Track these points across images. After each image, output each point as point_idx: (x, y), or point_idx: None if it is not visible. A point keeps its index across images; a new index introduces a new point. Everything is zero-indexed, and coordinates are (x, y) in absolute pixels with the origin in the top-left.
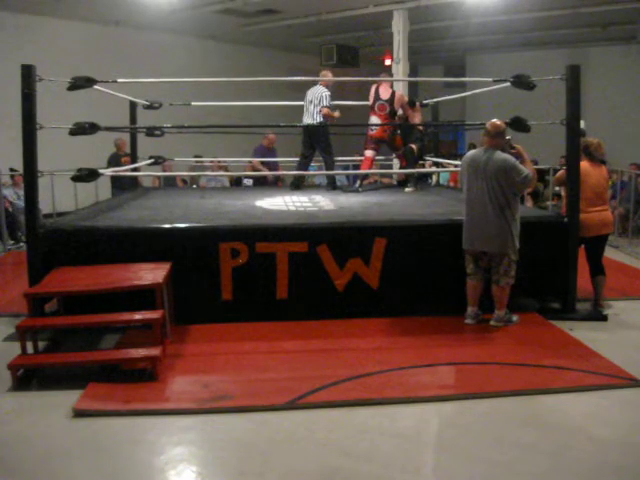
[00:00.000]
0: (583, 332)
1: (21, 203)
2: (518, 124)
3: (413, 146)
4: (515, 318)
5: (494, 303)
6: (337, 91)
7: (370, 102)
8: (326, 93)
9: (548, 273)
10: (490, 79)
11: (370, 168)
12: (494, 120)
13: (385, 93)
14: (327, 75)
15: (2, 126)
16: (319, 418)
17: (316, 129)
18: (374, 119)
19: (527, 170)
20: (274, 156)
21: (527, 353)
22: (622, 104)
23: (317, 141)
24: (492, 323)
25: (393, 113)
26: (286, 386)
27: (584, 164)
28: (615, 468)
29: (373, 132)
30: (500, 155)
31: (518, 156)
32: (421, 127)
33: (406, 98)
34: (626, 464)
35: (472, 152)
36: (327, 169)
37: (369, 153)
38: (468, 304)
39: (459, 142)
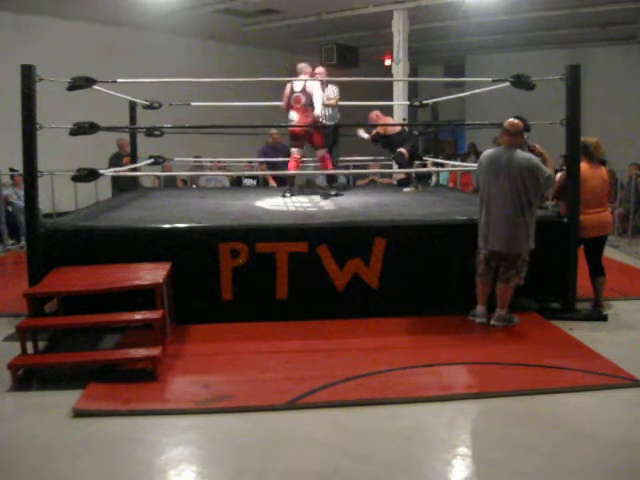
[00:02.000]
0: (583, 332)
1: (21, 203)
2: None
3: (402, 150)
4: (516, 319)
5: (497, 302)
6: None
7: (286, 100)
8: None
9: (548, 273)
10: (490, 79)
11: (297, 167)
12: (512, 119)
13: (299, 85)
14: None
15: (2, 126)
16: (319, 418)
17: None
18: (292, 114)
19: (549, 170)
20: (283, 151)
21: (527, 353)
22: (622, 104)
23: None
24: (493, 322)
25: (309, 103)
26: (286, 386)
27: (582, 166)
28: (615, 468)
29: (292, 128)
30: (523, 154)
31: (538, 155)
32: (405, 127)
33: (316, 83)
34: (626, 464)
35: (490, 151)
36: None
37: (294, 151)
38: (478, 303)
39: (459, 142)
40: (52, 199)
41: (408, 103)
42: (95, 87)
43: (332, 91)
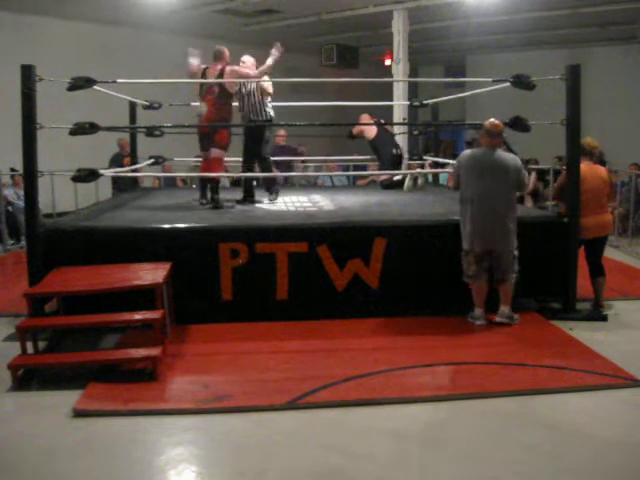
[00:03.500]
0: (583, 332)
1: (21, 203)
2: (518, 124)
3: (384, 180)
4: (516, 317)
5: (500, 300)
6: (337, 91)
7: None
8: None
9: (548, 273)
10: (490, 79)
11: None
12: (493, 120)
13: (213, 72)
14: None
15: (2, 126)
16: (319, 418)
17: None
18: (202, 106)
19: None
20: (289, 152)
21: (527, 353)
22: (622, 104)
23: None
24: (497, 319)
25: (224, 94)
26: (286, 386)
27: (581, 166)
28: (615, 468)
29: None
30: (507, 154)
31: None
32: (381, 131)
33: (247, 70)
34: (626, 464)
35: (472, 152)
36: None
37: (205, 155)
38: (476, 306)
39: (458, 142)
40: (52, 199)
41: (408, 103)
42: (95, 87)
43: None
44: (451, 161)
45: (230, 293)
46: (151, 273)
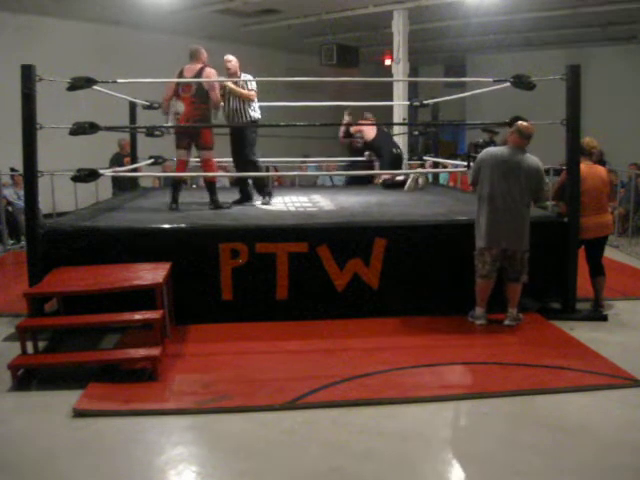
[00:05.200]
0: (583, 332)
1: (21, 203)
2: None
3: (386, 179)
4: (521, 317)
5: (508, 302)
6: (337, 91)
7: (171, 90)
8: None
9: (548, 273)
10: (490, 79)
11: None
12: (524, 122)
13: (190, 71)
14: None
15: (2, 126)
16: (319, 418)
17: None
18: (179, 105)
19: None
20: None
21: (527, 353)
22: (622, 104)
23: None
24: (507, 323)
25: (202, 93)
26: (286, 386)
27: (580, 166)
28: (615, 468)
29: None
30: (534, 158)
31: None
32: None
33: (214, 73)
34: (626, 464)
35: (496, 150)
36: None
37: (180, 154)
38: (477, 305)
39: (459, 143)
40: (52, 199)
41: (408, 103)
42: (95, 87)
43: (247, 85)
44: (450, 161)
45: (230, 293)
46: (151, 273)
